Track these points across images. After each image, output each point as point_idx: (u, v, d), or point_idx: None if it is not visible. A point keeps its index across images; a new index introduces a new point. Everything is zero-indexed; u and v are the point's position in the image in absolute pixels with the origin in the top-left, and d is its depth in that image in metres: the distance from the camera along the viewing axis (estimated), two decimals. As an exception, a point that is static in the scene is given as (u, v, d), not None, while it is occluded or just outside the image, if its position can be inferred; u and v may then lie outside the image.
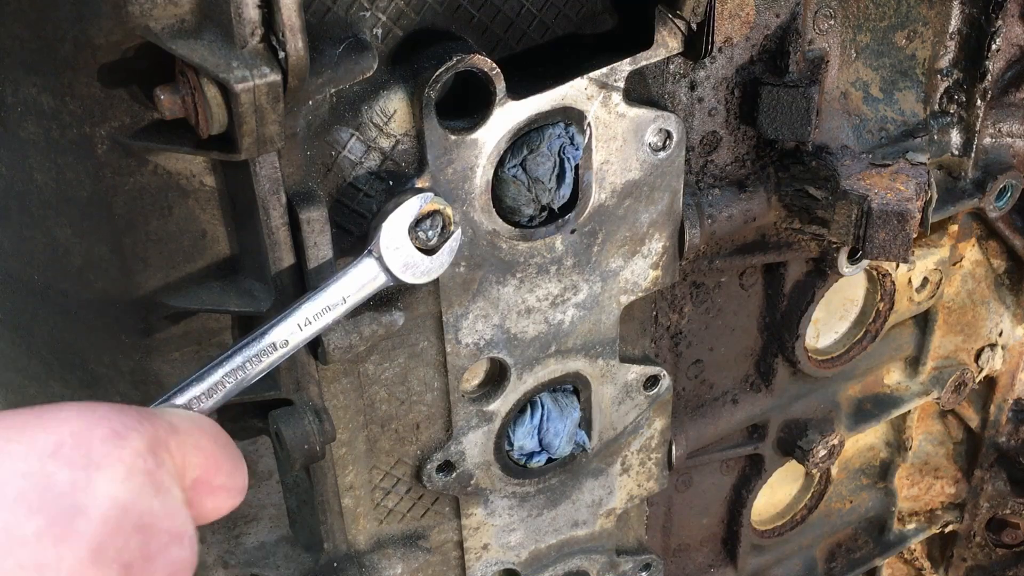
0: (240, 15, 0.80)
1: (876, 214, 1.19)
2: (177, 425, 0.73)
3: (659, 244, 1.19)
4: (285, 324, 0.90)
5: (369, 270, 0.95)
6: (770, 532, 1.74)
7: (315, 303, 0.92)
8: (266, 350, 0.89)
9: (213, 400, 0.85)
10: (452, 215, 0.98)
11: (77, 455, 0.64)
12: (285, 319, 0.90)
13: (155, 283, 0.96)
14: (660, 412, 1.34)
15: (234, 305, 0.98)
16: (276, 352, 0.90)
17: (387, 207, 0.97)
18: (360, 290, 0.94)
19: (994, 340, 1.72)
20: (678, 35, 1.05)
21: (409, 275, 0.97)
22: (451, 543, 1.30)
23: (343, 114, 0.96)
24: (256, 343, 0.89)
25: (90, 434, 0.66)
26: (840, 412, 1.62)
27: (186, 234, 0.95)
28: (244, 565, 1.21)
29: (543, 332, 1.16)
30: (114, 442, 0.66)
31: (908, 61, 1.34)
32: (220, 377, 0.86)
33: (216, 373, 0.86)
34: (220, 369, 0.86)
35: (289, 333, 0.90)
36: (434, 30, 0.98)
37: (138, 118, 0.88)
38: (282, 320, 0.90)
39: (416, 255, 0.97)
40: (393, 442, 1.17)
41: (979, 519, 1.94)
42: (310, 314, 0.91)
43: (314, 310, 0.92)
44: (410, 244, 0.96)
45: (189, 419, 0.76)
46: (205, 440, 0.75)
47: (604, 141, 1.08)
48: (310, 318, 0.91)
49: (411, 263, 0.96)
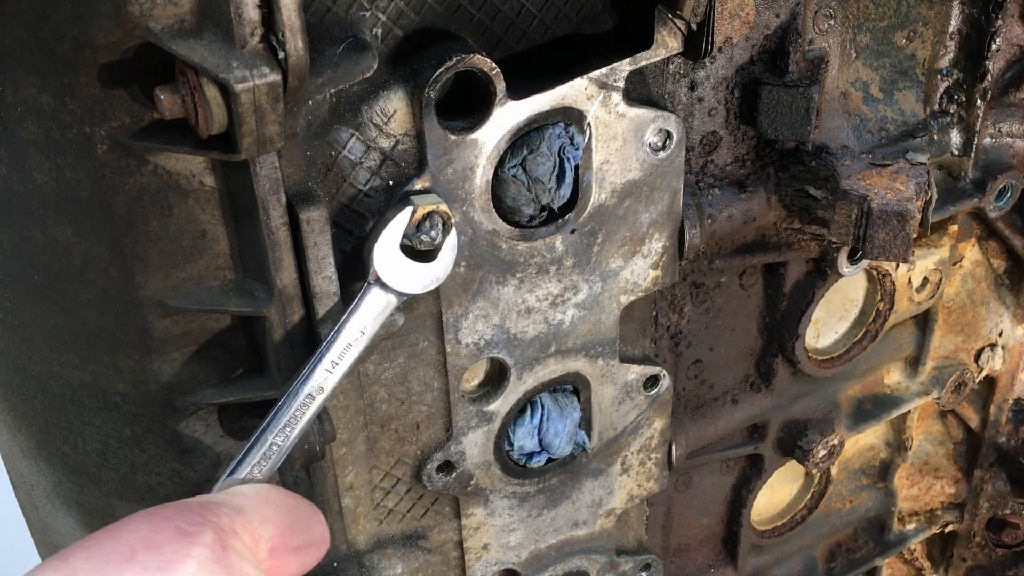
0: (240, 15, 0.80)
1: (876, 214, 1.19)
2: (240, 505, 0.77)
3: (659, 244, 1.19)
4: (316, 373, 0.94)
5: (377, 298, 0.97)
6: (770, 532, 1.74)
7: (337, 346, 0.95)
8: (305, 402, 0.93)
9: (270, 464, 0.90)
10: (447, 212, 0.98)
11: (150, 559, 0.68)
12: (314, 368, 0.94)
13: (155, 283, 0.96)
14: (660, 412, 1.34)
15: (234, 305, 0.99)
16: (315, 400, 0.94)
17: (376, 230, 0.98)
18: (375, 318, 0.97)
19: (994, 340, 1.72)
20: (678, 35, 1.05)
21: (416, 287, 0.98)
22: (451, 543, 1.30)
23: (343, 114, 0.96)
24: (294, 399, 0.93)
25: (159, 537, 0.70)
26: (840, 412, 1.62)
27: (186, 234, 0.95)
28: (244, 565, 1.21)
29: (543, 332, 1.17)
30: (182, 540, 0.71)
31: (908, 61, 1.34)
32: (271, 440, 0.91)
33: (266, 438, 0.91)
34: (269, 433, 0.91)
35: (323, 380, 0.94)
36: (434, 30, 0.98)
37: (138, 118, 0.88)
38: (311, 370, 0.94)
39: (416, 267, 0.98)
40: (393, 442, 1.17)
41: (979, 519, 1.94)
42: (335, 356, 0.95)
43: (337, 351, 0.95)
44: (406, 259, 0.97)
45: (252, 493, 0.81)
46: (271, 511, 0.80)
47: (604, 141, 1.08)
48: (335, 360, 0.95)
49: (413, 275, 0.98)
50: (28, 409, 1.15)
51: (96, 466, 1.15)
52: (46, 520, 1.41)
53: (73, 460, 1.15)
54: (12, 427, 1.21)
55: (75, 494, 1.23)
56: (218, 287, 0.99)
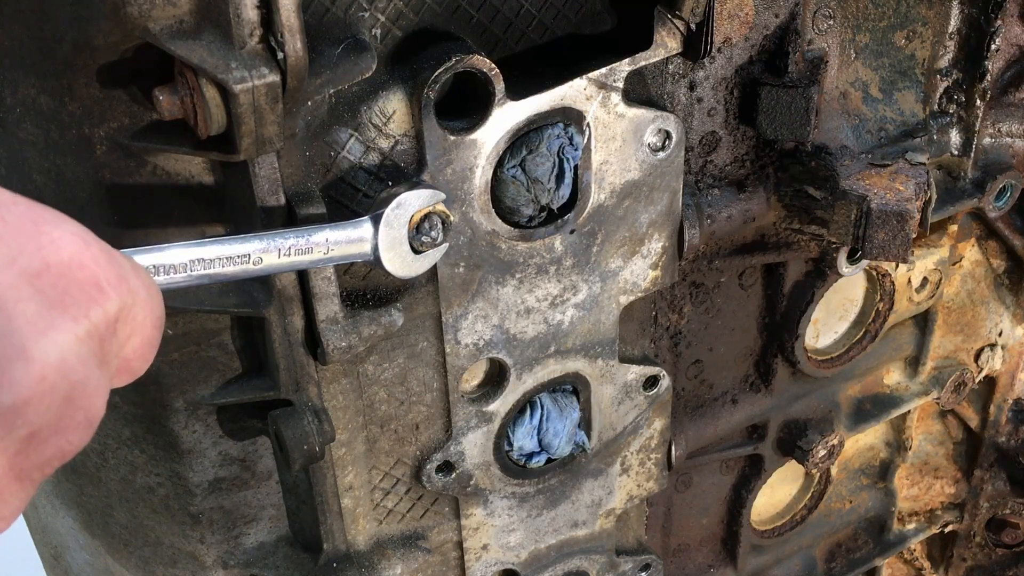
0: (239, 16, 0.80)
1: (875, 214, 1.19)
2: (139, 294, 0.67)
3: (658, 244, 1.19)
4: (265, 242, 0.86)
5: (363, 232, 0.92)
6: (770, 532, 1.74)
7: (301, 238, 0.88)
8: (238, 257, 0.84)
9: (172, 278, 0.81)
10: (451, 224, 0.97)
11: (54, 292, 0.60)
12: (268, 238, 0.86)
13: (154, 284, 0.96)
14: (660, 412, 1.34)
15: (234, 305, 0.99)
16: (246, 265, 0.85)
17: (397, 189, 0.95)
18: (344, 245, 0.91)
19: (994, 340, 1.72)
20: (677, 35, 1.05)
21: (389, 260, 0.94)
22: (451, 543, 1.30)
23: (342, 115, 0.96)
24: (231, 244, 0.84)
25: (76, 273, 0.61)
26: (840, 412, 1.62)
27: (185, 234, 0.95)
28: (243, 565, 1.21)
29: (542, 332, 1.17)
30: (92, 294, 0.62)
31: (907, 61, 1.34)
32: (187, 260, 0.81)
33: (187, 252, 0.81)
34: (191, 251, 0.81)
35: (265, 252, 0.86)
36: (433, 30, 0.98)
37: (137, 119, 0.88)
38: (265, 238, 0.86)
39: (405, 245, 0.95)
40: (392, 442, 1.17)
41: (979, 519, 1.94)
42: (293, 245, 0.87)
43: (298, 244, 0.88)
44: (405, 233, 0.95)
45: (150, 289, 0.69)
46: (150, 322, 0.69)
47: (603, 141, 1.08)
48: (291, 249, 0.87)
49: (398, 250, 0.94)
50: (28, 409, 1.15)
51: (96, 466, 1.15)
52: (46, 520, 1.41)
53: (73, 460, 1.15)
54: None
55: (75, 494, 1.23)
56: (218, 288, 0.99)
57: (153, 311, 0.69)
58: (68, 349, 0.60)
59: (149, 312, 0.68)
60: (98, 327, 0.62)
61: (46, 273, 0.60)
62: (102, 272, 0.63)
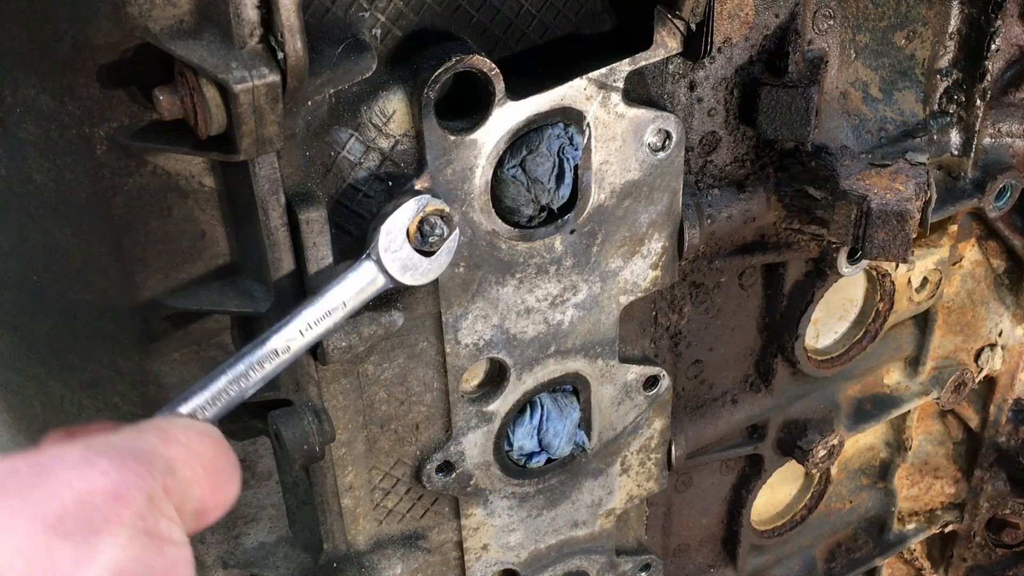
0: (239, 16, 0.80)
1: (875, 214, 1.19)
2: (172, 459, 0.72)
3: (658, 244, 1.19)
4: (287, 330, 0.90)
5: (368, 273, 0.95)
6: (770, 532, 1.74)
7: (315, 308, 0.92)
8: (268, 356, 0.89)
9: (216, 409, 0.85)
10: (452, 215, 0.98)
11: (79, 525, 0.64)
12: (286, 325, 0.90)
13: (154, 284, 0.96)
14: (660, 412, 1.34)
15: (233, 306, 0.99)
16: (278, 358, 0.89)
17: (385, 209, 0.97)
18: (359, 293, 0.94)
19: (994, 340, 1.72)
20: (677, 35, 1.05)
21: (408, 277, 0.97)
22: (451, 543, 1.30)
23: (342, 115, 0.96)
24: (258, 349, 0.88)
25: (92, 498, 0.65)
26: (840, 412, 1.62)
27: (185, 235, 0.95)
28: (244, 565, 1.21)
29: (542, 332, 1.16)
30: (115, 504, 0.66)
31: (907, 61, 1.34)
32: (224, 385, 0.86)
33: (220, 381, 0.86)
34: (223, 376, 0.86)
35: (290, 339, 0.90)
36: (433, 30, 0.98)
37: (137, 119, 0.88)
38: (284, 326, 0.90)
39: (415, 256, 0.97)
40: (392, 442, 1.17)
41: (979, 519, 1.94)
42: (311, 319, 0.91)
43: (315, 315, 0.92)
44: (408, 246, 0.96)
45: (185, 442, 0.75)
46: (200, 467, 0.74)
47: (603, 141, 1.08)
48: (311, 323, 0.91)
49: (410, 265, 0.97)
50: (28, 410, 1.15)
51: (96, 466, 1.15)
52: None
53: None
54: (12, 428, 1.21)
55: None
56: (218, 287, 0.99)
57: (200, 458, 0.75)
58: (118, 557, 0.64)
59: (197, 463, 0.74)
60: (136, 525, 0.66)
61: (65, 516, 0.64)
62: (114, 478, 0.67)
